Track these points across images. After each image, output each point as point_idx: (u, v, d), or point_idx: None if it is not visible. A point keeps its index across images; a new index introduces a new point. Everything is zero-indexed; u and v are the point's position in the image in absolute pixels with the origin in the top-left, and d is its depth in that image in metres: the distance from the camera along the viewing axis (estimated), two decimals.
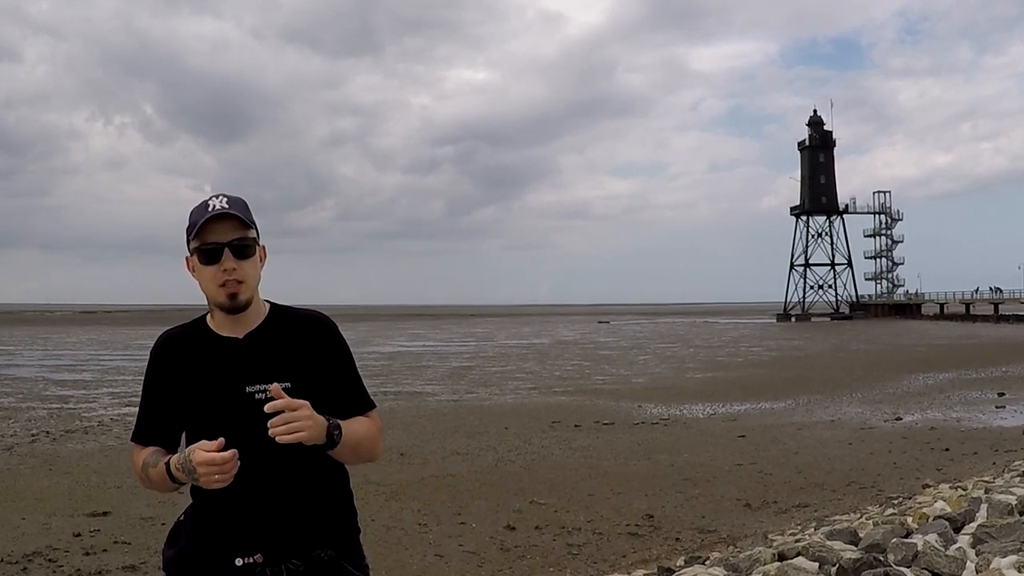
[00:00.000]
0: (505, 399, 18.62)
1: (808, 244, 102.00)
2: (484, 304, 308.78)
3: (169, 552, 2.18)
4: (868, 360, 30.35)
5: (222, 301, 2.09)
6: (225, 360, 2.10)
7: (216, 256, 2.07)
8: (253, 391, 2.06)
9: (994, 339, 44.12)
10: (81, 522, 7.75)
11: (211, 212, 2.07)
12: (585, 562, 6.70)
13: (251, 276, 2.11)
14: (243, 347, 2.11)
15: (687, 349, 39.12)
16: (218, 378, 2.09)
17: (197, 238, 2.09)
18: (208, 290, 2.11)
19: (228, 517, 2.07)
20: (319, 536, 2.10)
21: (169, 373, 2.16)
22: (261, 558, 2.05)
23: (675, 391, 19.97)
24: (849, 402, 17.75)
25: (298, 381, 2.08)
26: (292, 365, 2.10)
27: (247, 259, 2.10)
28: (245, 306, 2.12)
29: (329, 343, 2.18)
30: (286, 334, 2.15)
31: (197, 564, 2.10)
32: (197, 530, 2.13)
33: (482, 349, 40.27)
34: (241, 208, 2.11)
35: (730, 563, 5.07)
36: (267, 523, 2.06)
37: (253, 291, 2.13)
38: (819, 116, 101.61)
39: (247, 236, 2.11)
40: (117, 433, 13.45)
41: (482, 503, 8.55)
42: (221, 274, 2.07)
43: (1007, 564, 4.03)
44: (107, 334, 58.03)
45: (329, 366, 2.16)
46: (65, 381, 22.76)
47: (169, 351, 2.19)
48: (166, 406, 2.16)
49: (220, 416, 2.06)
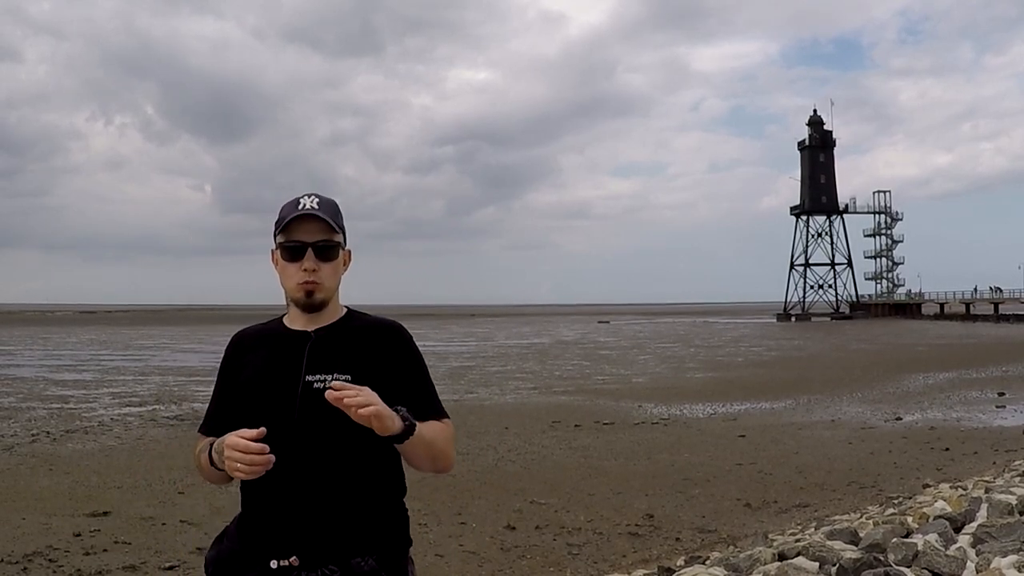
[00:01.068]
0: (505, 399, 18.61)
1: (808, 244, 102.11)
2: (484, 304, 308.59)
3: (210, 553, 2.16)
4: (868, 360, 30.34)
5: (298, 297, 2.11)
6: (291, 351, 2.10)
7: (299, 254, 2.09)
8: (312, 380, 2.04)
9: (994, 339, 44.12)
10: (81, 522, 7.74)
11: (299, 211, 2.09)
12: (585, 562, 6.70)
13: (330, 278, 2.12)
14: (311, 339, 2.12)
15: (687, 349, 39.12)
16: (281, 367, 2.08)
17: (283, 234, 2.11)
18: (287, 286, 2.13)
19: (268, 517, 2.02)
20: (362, 543, 2.01)
21: (237, 367, 2.17)
22: (297, 561, 1.98)
23: (675, 391, 19.97)
24: (849, 402, 17.75)
25: (359, 376, 2.04)
26: (357, 362, 2.08)
27: (329, 261, 2.11)
28: (320, 305, 2.13)
29: (400, 349, 2.16)
30: (357, 334, 2.15)
31: (233, 565, 2.06)
32: (239, 531, 2.10)
33: (482, 349, 40.26)
34: (330, 211, 2.12)
35: (730, 563, 5.07)
36: (307, 524, 2.00)
37: (330, 293, 2.14)
38: (819, 116, 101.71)
39: (332, 239, 2.12)
40: (117, 433, 13.46)
41: (482, 503, 8.55)
42: (301, 273, 2.09)
43: (1007, 564, 4.02)
44: (107, 334, 58.03)
45: (398, 371, 2.12)
46: (65, 381, 22.75)
47: (240, 346, 2.21)
48: (230, 399, 2.15)
49: (275, 403, 2.04)
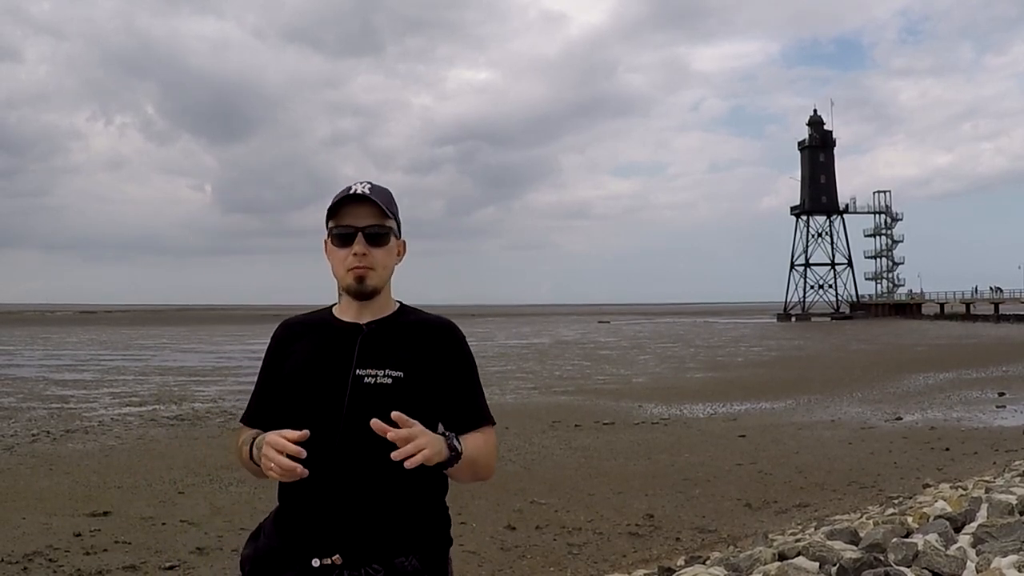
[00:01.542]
0: (505, 399, 18.59)
1: (808, 244, 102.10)
2: (484, 304, 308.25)
3: (246, 551, 2.09)
4: (868, 360, 30.34)
5: (349, 284, 2.05)
6: (341, 343, 2.04)
7: (349, 240, 2.04)
8: (363, 374, 1.99)
9: (994, 339, 44.11)
10: (81, 522, 7.74)
11: (349, 194, 2.04)
12: (585, 562, 6.70)
13: (381, 265, 2.06)
14: (362, 332, 2.06)
15: (687, 349, 39.12)
16: (330, 359, 2.02)
17: (334, 219, 2.06)
18: (337, 273, 2.08)
19: (310, 514, 1.96)
20: (405, 542, 1.97)
21: (284, 357, 2.10)
22: (340, 560, 1.93)
23: (675, 391, 19.97)
24: (849, 402, 17.74)
25: (411, 374, 2.00)
26: (409, 358, 2.02)
27: (380, 247, 2.05)
28: (372, 293, 2.07)
29: (453, 348, 2.11)
30: (410, 330, 2.09)
31: (273, 563, 2.00)
32: (278, 527, 2.03)
33: (482, 349, 40.24)
34: (382, 196, 2.06)
35: (730, 563, 5.06)
36: (350, 522, 1.94)
37: (382, 281, 2.08)
38: (819, 116, 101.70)
39: (383, 224, 2.06)
40: (117, 433, 13.45)
41: (482, 503, 8.54)
42: (352, 258, 2.03)
43: (1007, 564, 4.02)
44: (107, 334, 58.01)
45: (449, 372, 2.07)
46: (65, 381, 22.74)
47: (288, 336, 2.15)
48: (275, 390, 2.09)
49: (323, 396, 1.98)
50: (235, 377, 24.12)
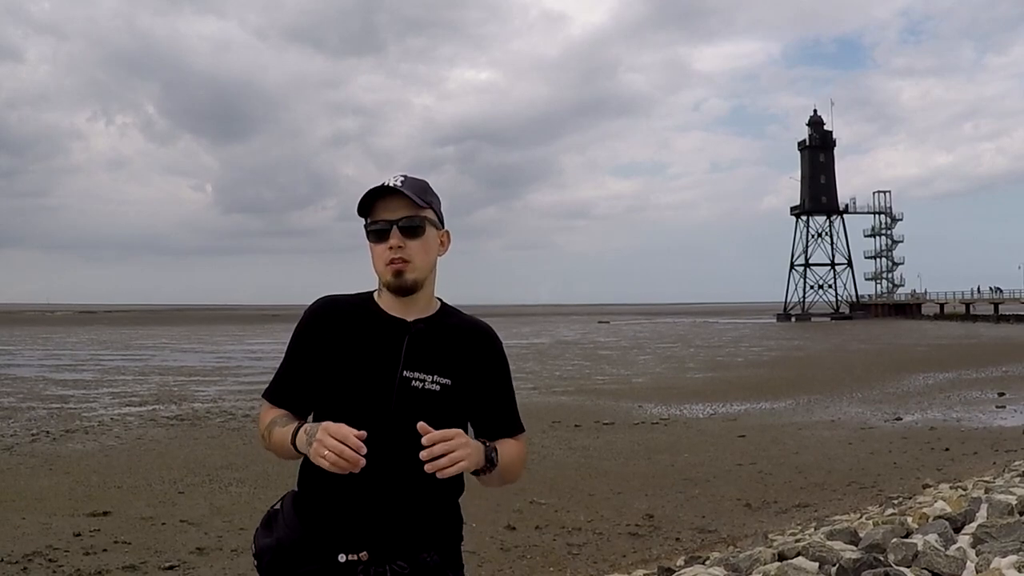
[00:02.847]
0: None
1: (808, 244, 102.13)
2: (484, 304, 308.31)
3: (265, 540, 2.03)
4: (868, 360, 30.34)
5: (389, 280, 2.01)
6: (387, 339, 2.00)
7: (384, 235, 2.00)
8: (411, 377, 1.96)
9: (994, 339, 44.11)
10: (81, 522, 7.74)
11: (380, 188, 2.01)
12: (585, 562, 6.70)
13: (420, 257, 2.01)
14: (409, 330, 2.02)
15: (687, 349, 39.11)
16: (375, 356, 1.98)
17: (368, 216, 2.03)
18: (378, 268, 2.04)
19: (338, 509, 1.95)
20: (427, 538, 2.00)
21: (322, 338, 2.03)
22: (366, 556, 1.92)
23: (675, 391, 19.97)
24: (849, 402, 17.75)
25: (459, 382, 2.00)
26: (456, 365, 2.01)
27: (417, 239, 2.01)
28: (412, 288, 2.02)
29: (493, 355, 2.10)
30: (455, 333, 2.06)
31: (296, 555, 1.97)
32: (302, 519, 2.00)
33: None
34: (415, 187, 2.02)
35: (730, 563, 5.07)
36: (379, 519, 1.93)
37: (423, 274, 2.03)
38: (819, 116, 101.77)
39: (418, 215, 2.01)
40: (117, 433, 13.45)
41: (482, 503, 8.52)
42: (388, 252, 1.99)
43: (1007, 564, 4.02)
44: (107, 334, 57.99)
45: (489, 378, 2.07)
46: (65, 381, 22.73)
47: (328, 316, 2.07)
48: (309, 371, 2.02)
49: (366, 395, 1.95)
50: (235, 377, 24.13)
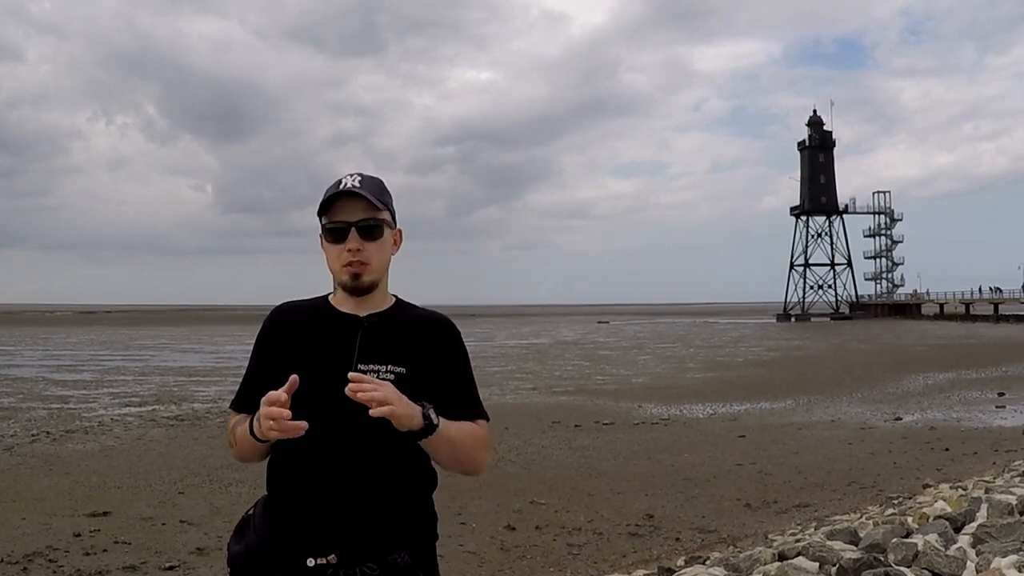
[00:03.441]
0: (505, 399, 18.60)
1: (808, 244, 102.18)
2: (484, 304, 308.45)
3: (236, 547, 2.05)
4: (868, 360, 30.34)
5: (344, 280, 2.03)
6: (342, 336, 2.02)
7: (342, 236, 2.02)
8: (366, 370, 1.96)
9: (994, 339, 44.12)
10: (81, 522, 7.74)
11: (339, 190, 2.01)
12: (585, 562, 6.70)
13: (377, 259, 2.04)
14: (363, 325, 2.04)
15: (687, 349, 39.11)
16: (331, 352, 2.00)
17: (326, 215, 2.04)
18: (333, 268, 2.06)
19: (304, 513, 1.95)
20: (397, 539, 1.98)
21: (280, 343, 2.07)
22: (335, 559, 1.92)
23: (675, 391, 19.97)
24: (849, 402, 17.75)
25: (414, 370, 2.00)
26: (410, 354, 2.02)
27: (374, 241, 2.03)
28: (368, 288, 2.05)
29: (449, 343, 2.11)
30: (408, 325, 2.08)
31: (265, 561, 1.97)
32: (269, 524, 2.01)
33: (482, 349, 40.22)
34: (374, 188, 2.04)
35: (730, 563, 5.07)
36: (345, 522, 1.93)
37: (378, 274, 2.06)
38: (819, 116, 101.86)
39: (376, 217, 2.03)
40: (117, 433, 13.46)
41: (482, 503, 8.54)
42: (346, 254, 2.01)
43: (1007, 564, 4.02)
44: (107, 334, 58.00)
45: (444, 365, 2.07)
46: (65, 381, 22.74)
47: (285, 321, 2.11)
48: (272, 377, 2.00)
49: (325, 391, 1.95)
50: (235, 377, 24.09)
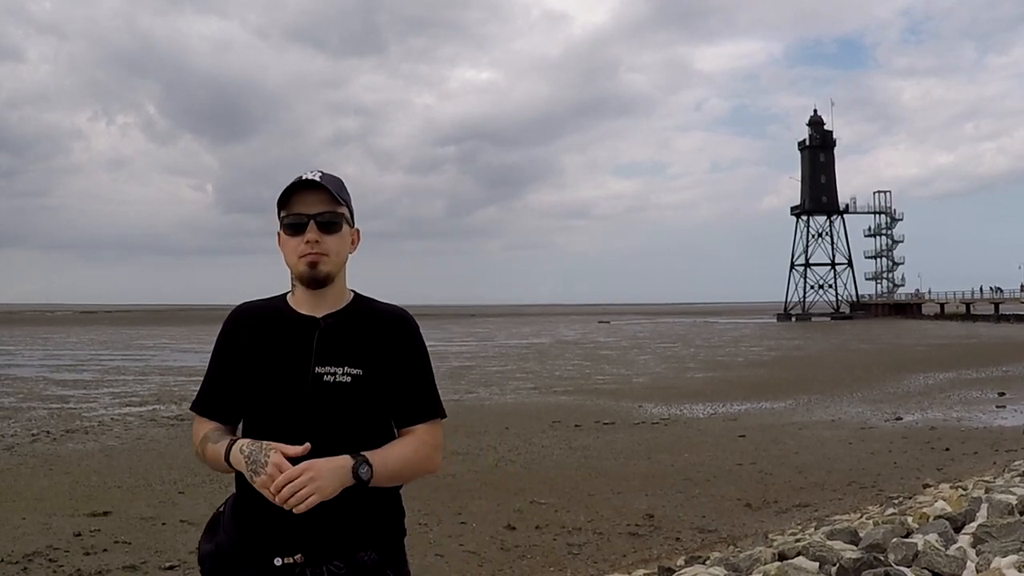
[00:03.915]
0: (505, 399, 18.61)
1: (808, 244, 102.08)
2: (485, 304, 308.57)
3: (206, 546, 2.07)
4: (868, 360, 30.34)
5: (302, 271, 2.02)
6: (298, 337, 2.02)
7: (301, 228, 2.01)
8: (323, 372, 1.98)
9: (994, 339, 44.11)
10: (81, 522, 7.74)
11: (299, 182, 2.02)
12: (585, 562, 6.70)
13: (335, 252, 2.03)
14: (319, 326, 2.04)
15: (687, 349, 39.11)
16: (288, 355, 2.00)
17: (285, 208, 2.04)
18: (290, 261, 2.05)
19: (270, 512, 1.94)
20: (363, 537, 1.99)
21: (239, 345, 2.07)
22: (302, 558, 1.94)
23: (675, 391, 19.96)
24: (849, 402, 17.75)
25: (370, 371, 2.00)
26: (367, 354, 2.02)
27: (333, 234, 2.03)
28: (325, 280, 2.04)
29: (407, 340, 2.09)
30: (366, 323, 2.07)
31: (234, 561, 1.99)
32: (238, 524, 2.02)
33: (482, 349, 40.24)
34: (333, 183, 2.04)
35: (730, 563, 5.07)
36: (311, 521, 1.93)
37: (336, 267, 2.05)
38: (819, 116, 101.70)
39: (335, 211, 2.03)
40: (117, 433, 13.46)
41: (482, 503, 8.54)
42: (304, 246, 2.01)
43: (1007, 564, 4.02)
44: (107, 334, 58.01)
45: (401, 363, 2.06)
46: (65, 381, 22.74)
47: (243, 323, 2.11)
48: (232, 380, 2.05)
49: (283, 396, 1.97)
50: None
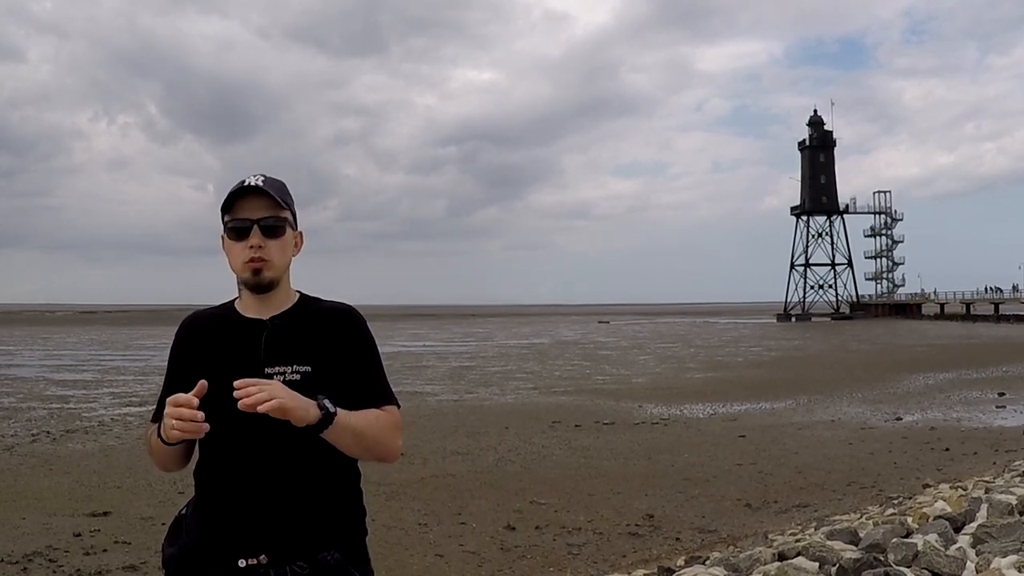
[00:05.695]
0: (505, 399, 18.61)
1: (808, 244, 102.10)
2: (485, 304, 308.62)
3: (169, 549, 2.09)
4: (868, 360, 30.34)
5: (246, 277, 2.05)
6: (247, 340, 2.05)
7: (244, 233, 2.03)
8: (272, 372, 1.99)
9: (994, 339, 44.11)
10: (81, 522, 7.74)
11: (243, 187, 2.03)
12: (585, 562, 6.70)
13: (278, 257, 2.05)
14: (266, 328, 2.06)
15: (687, 349, 39.11)
16: (238, 358, 2.02)
17: (229, 213, 2.05)
18: (234, 266, 2.07)
19: (232, 514, 1.98)
20: (325, 537, 2.01)
21: (190, 354, 2.11)
22: (265, 559, 1.96)
23: (675, 391, 19.97)
24: (849, 402, 17.75)
25: (319, 367, 2.02)
26: (315, 351, 2.04)
27: (276, 239, 2.05)
28: (269, 285, 2.06)
29: (353, 334, 2.11)
30: (312, 321, 2.09)
31: (198, 563, 2.01)
32: (200, 527, 2.04)
33: (482, 349, 40.25)
34: (277, 188, 2.05)
35: (730, 563, 5.07)
36: (273, 522, 1.97)
37: (280, 272, 2.07)
38: (819, 116, 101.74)
39: (279, 216, 2.05)
40: (117, 433, 13.46)
41: (482, 503, 8.54)
42: (248, 251, 2.02)
43: (1007, 564, 4.02)
44: (107, 334, 58.01)
45: (350, 357, 2.08)
46: (65, 381, 22.75)
47: (193, 331, 2.15)
48: (185, 387, 2.01)
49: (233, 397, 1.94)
50: None
